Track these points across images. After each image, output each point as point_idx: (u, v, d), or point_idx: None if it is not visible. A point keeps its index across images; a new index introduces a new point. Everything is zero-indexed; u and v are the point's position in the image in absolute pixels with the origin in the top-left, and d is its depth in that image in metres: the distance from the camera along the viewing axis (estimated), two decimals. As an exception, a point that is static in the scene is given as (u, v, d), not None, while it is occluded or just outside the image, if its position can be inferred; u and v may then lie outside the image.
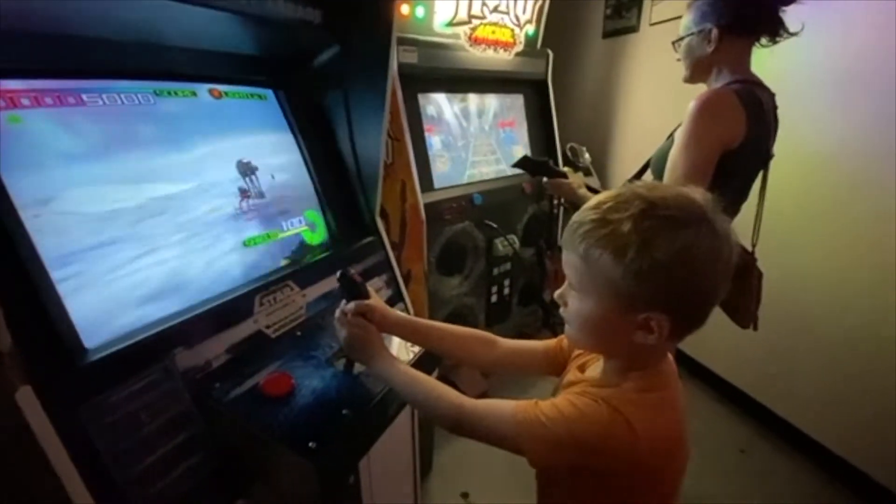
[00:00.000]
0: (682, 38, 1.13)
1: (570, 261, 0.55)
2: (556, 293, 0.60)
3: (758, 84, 1.08)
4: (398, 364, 0.70)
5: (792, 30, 1.04)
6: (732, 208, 1.11)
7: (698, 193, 0.52)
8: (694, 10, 1.09)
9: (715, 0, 1.06)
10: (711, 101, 1.01)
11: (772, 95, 1.10)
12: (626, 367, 0.57)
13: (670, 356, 0.61)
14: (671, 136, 1.16)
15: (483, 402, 0.61)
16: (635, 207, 0.49)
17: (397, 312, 0.79)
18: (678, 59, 1.17)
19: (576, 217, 0.54)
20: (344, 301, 0.75)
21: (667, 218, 0.48)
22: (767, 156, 1.12)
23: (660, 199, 0.50)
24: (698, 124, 1.00)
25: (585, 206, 0.54)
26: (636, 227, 0.48)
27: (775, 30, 1.04)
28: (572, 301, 0.57)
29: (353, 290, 0.75)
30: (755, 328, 1.23)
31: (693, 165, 1.00)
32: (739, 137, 1.00)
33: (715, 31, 1.05)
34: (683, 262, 0.48)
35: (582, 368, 0.66)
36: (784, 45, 1.07)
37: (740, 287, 1.16)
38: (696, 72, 1.14)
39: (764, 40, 1.06)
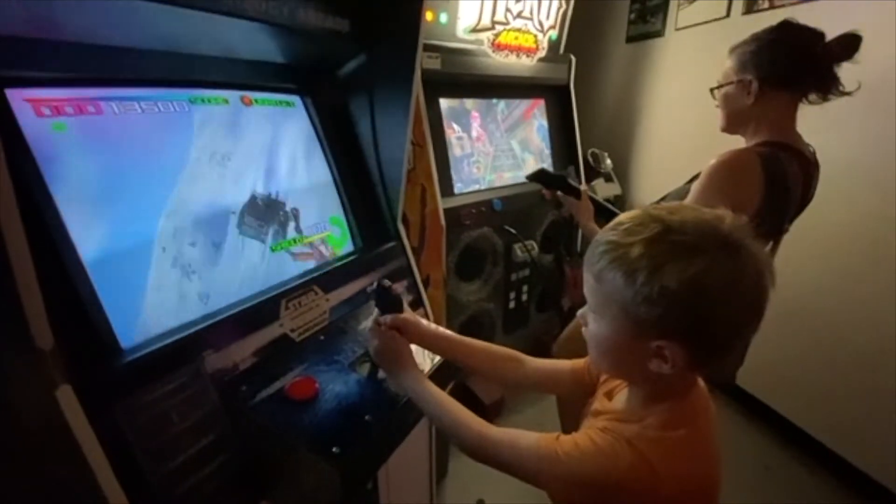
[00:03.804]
0: (720, 86, 1.04)
1: (587, 281, 0.54)
2: (579, 312, 0.59)
3: (792, 150, 0.97)
4: (427, 383, 0.70)
5: (847, 88, 0.91)
6: None
7: (727, 217, 0.49)
8: (735, 57, 1.00)
9: (759, 49, 0.96)
10: (730, 163, 0.94)
11: (808, 166, 0.99)
12: (650, 398, 0.55)
13: (701, 383, 0.58)
14: (691, 180, 1.07)
15: (506, 433, 0.60)
16: (650, 231, 0.48)
17: (429, 326, 0.80)
18: (716, 107, 1.07)
19: (596, 237, 0.53)
20: (378, 311, 0.76)
21: (679, 244, 0.46)
22: (780, 229, 1.02)
23: (678, 222, 0.48)
24: (712, 185, 0.94)
25: (607, 227, 0.53)
26: (647, 252, 0.47)
27: (826, 86, 0.92)
28: (591, 322, 0.56)
29: (389, 302, 0.75)
30: (732, 382, 1.13)
31: None
32: (752, 207, 0.92)
33: (755, 84, 0.95)
34: (695, 290, 0.45)
35: (609, 395, 0.64)
36: None
37: None
38: (733, 123, 1.05)
39: (812, 97, 0.95)
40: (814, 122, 1.03)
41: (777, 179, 0.93)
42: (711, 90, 1.07)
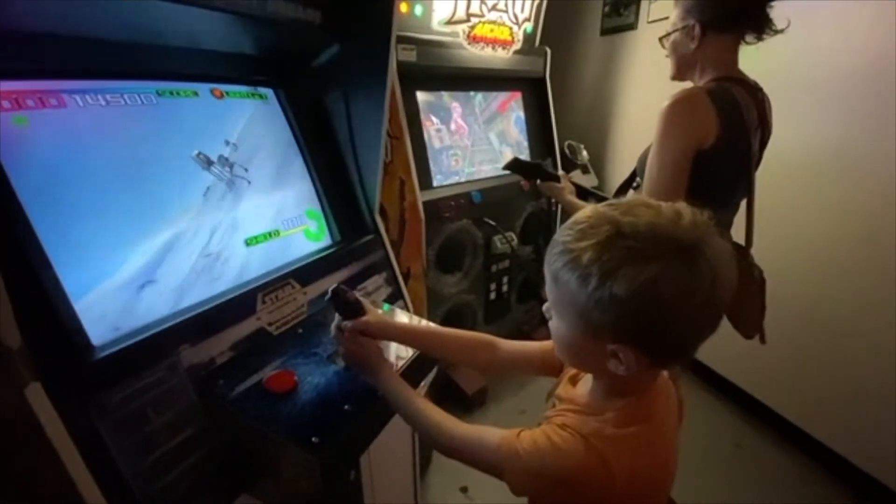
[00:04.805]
0: (668, 35, 1.10)
1: (546, 279, 0.53)
2: (544, 307, 0.58)
3: (739, 81, 1.03)
4: (397, 383, 0.71)
5: (780, 27, 1.00)
6: (720, 215, 1.06)
7: (686, 216, 0.47)
8: (679, 6, 1.06)
9: None
10: (679, 101, 0.98)
11: (756, 93, 1.06)
12: (611, 391, 0.56)
13: (664, 375, 0.59)
14: None
15: (473, 431, 0.62)
16: (602, 234, 0.46)
17: (396, 322, 0.80)
18: (667, 56, 1.14)
19: (556, 235, 0.53)
20: (338, 316, 0.75)
21: (630, 249, 0.45)
22: (749, 156, 1.06)
23: (629, 225, 0.46)
24: (666, 126, 0.98)
25: (565, 224, 0.52)
26: (598, 257, 0.46)
27: (760, 26, 1.00)
28: (553, 318, 0.56)
29: (346, 307, 0.74)
30: (762, 340, 1.19)
31: (663, 168, 0.99)
32: (711, 137, 0.97)
33: (697, 28, 1.02)
34: (646, 298, 0.44)
35: (574, 380, 0.65)
36: (777, 44, 1.02)
37: (740, 294, 1.08)
38: (681, 69, 1.12)
39: (749, 38, 1.02)
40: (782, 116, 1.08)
41: (728, 104, 0.99)
42: (660, 39, 1.13)
